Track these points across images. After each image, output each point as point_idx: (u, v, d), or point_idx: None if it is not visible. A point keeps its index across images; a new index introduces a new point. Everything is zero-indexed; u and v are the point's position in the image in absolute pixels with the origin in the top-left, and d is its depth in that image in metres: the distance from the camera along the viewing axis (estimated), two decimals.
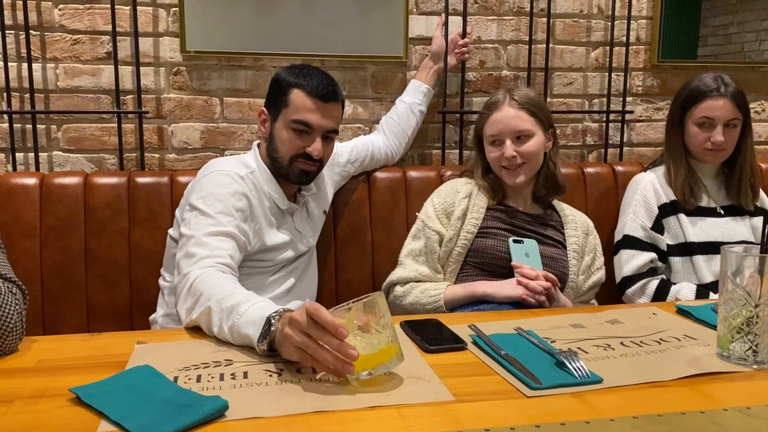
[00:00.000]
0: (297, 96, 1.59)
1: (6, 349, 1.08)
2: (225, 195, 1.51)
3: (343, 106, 1.68)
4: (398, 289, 1.75)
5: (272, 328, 1.04)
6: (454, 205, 1.77)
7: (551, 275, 1.57)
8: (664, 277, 1.86)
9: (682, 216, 1.87)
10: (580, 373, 0.99)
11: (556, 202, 1.85)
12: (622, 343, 1.15)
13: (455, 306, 1.66)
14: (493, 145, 1.77)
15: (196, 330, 1.22)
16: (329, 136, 1.65)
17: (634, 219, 1.90)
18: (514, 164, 1.73)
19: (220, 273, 1.32)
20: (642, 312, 1.35)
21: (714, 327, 1.21)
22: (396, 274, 1.78)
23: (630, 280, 1.87)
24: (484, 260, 1.71)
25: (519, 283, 1.56)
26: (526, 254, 1.66)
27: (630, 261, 1.88)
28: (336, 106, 1.63)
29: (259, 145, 1.71)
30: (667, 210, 1.88)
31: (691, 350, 1.12)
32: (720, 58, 2.44)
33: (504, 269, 1.67)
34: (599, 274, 1.79)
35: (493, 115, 1.76)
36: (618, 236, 1.95)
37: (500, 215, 1.77)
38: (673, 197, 1.88)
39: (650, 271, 1.86)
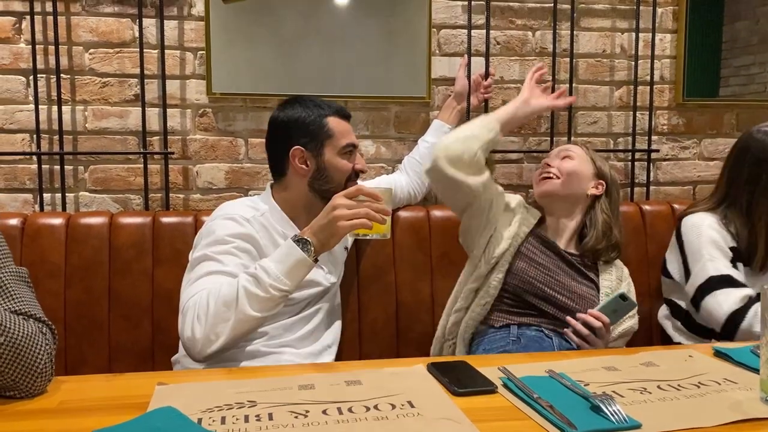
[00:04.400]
0: (335, 123, 1.64)
1: (35, 390, 1.07)
2: (229, 238, 1.51)
3: None
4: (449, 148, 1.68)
5: (308, 240, 1.35)
6: (514, 203, 1.83)
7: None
8: None
9: (741, 266, 1.76)
10: (617, 417, 0.95)
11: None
12: (659, 387, 1.11)
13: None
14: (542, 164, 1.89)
15: (216, 371, 1.20)
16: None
17: (712, 260, 1.74)
18: (547, 172, 1.81)
19: (216, 283, 1.39)
20: (677, 354, 1.30)
21: (755, 370, 1.16)
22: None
23: (739, 313, 1.65)
24: (525, 289, 1.70)
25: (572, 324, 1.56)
26: (614, 311, 1.58)
27: (729, 296, 1.68)
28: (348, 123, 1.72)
29: (272, 186, 1.69)
30: (734, 255, 1.77)
31: (733, 394, 1.07)
32: (741, 98, 2.42)
33: (547, 309, 1.68)
34: (631, 322, 1.73)
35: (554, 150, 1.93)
36: (699, 281, 1.75)
37: (540, 242, 1.78)
38: (733, 244, 1.78)
39: (752, 300, 1.67)
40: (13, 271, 1.15)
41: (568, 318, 1.56)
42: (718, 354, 1.29)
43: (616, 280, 1.76)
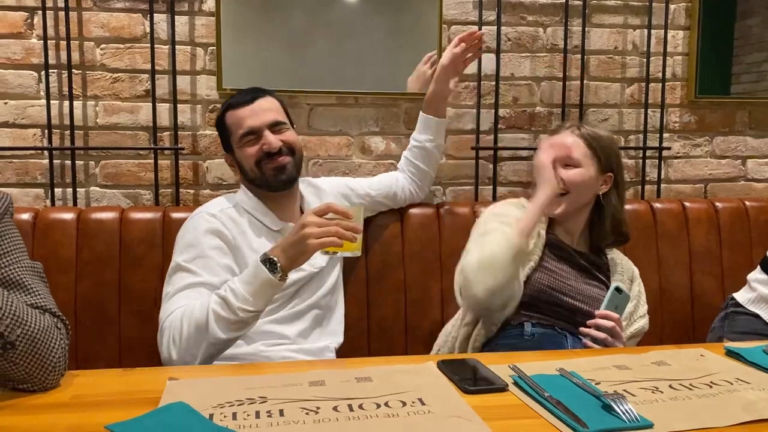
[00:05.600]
0: (230, 118, 1.65)
1: (48, 384, 1.08)
2: (197, 239, 1.53)
3: (279, 101, 1.70)
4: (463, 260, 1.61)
5: (275, 260, 1.33)
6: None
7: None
8: None
9: None
10: (629, 416, 0.95)
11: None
12: (670, 386, 1.10)
13: (529, 231, 1.60)
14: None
15: (227, 366, 1.21)
16: (278, 128, 1.64)
17: None
18: (559, 189, 1.67)
19: (190, 304, 1.41)
20: (689, 353, 1.29)
21: (767, 370, 1.16)
22: (473, 247, 1.64)
23: None
24: (540, 298, 1.63)
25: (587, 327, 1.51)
26: (615, 306, 1.55)
27: None
28: (265, 99, 1.66)
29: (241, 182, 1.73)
30: None
31: (745, 394, 1.07)
32: (753, 95, 2.40)
33: (559, 311, 1.63)
34: (642, 323, 1.72)
35: (551, 137, 1.74)
36: None
37: (555, 250, 1.71)
38: None
39: None
40: (29, 266, 1.16)
41: (581, 329, 1.52)
42: (730, 353, 1.28)
43: (627, 280, 1.74)
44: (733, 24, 2.40)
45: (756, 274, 1.90)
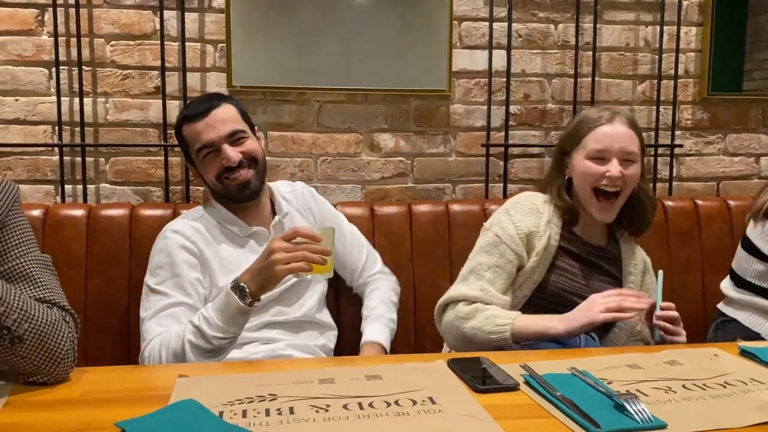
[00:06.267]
0: (186, 132, 1.60)
1: (57, 377, 1.08)
2: (163, 259, 1.53)
3: (237, 107, 1.61)
4: (462, 309, 1.52)
5: (244, 286, 1.32)
6: (540, 231, 1.57)
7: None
8: None
9: None
10: (641, 416, 0.93)
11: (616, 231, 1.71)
12: (684, 386, 1.09)
13: (523, 341, 1.45)
14: (594, 161, 1.55)
15: (237, 364, 1.20)
16: (237, 138, 1.57)
17: None
18: (614, 186, 1.53)
19: (167, 332, 1.42)
20: (702, 353, 1.28)
21: None
22: (458, 290, 1.56)
23: None
24: (555, 302, 1.55)
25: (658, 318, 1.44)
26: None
27: None
28: (221, 109, 1.58)
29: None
30: None
31: (760, 395, 1.05)
32: (766, 92, 2.37)
33: (565, 308, 1.52)
34: None
35: (602, 127, 1.56)
36: None
37: (570, 247, 1.60)
38: None
39: None
40: (38, 258, 1.16)
41: (656, 322, 1.43)
42: (744, 353, 1.26)
43: (640, 273, 1.67)
44: (746, 20, 2.38)
45: (726, 282, 1.90)
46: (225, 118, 1.57)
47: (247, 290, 1.33)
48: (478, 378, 1.09)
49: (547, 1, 2.22)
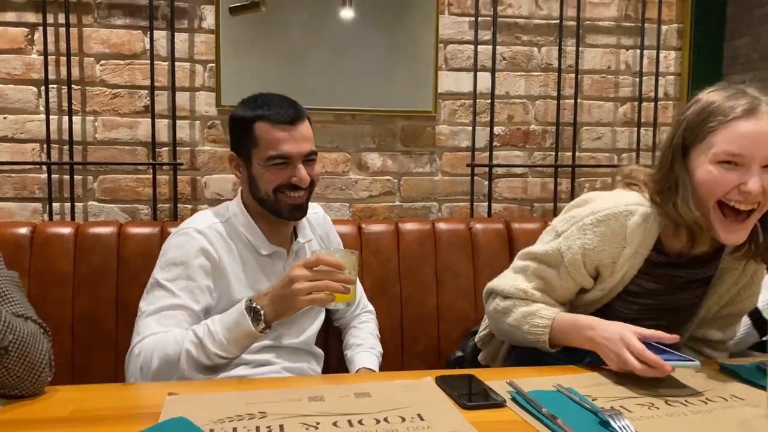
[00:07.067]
0: (263, 130, 1.45)
1: (36, 389, 1.09)
2: (180, 258, 1.43)
3: (310, 123, 1.54)
4: (499, 304, 1.38)
5: (260, 310, 1.27)
6: (617, 264, 1.30)
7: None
8: None
9: None
10: None
11: None
12: (666, 402, 1.11)
13: (564, 345, 1.29)
14: (723, 167, 1.18)
15: (226, 381, 1.21)
16: (310, 160, 1.50)
17: None
18: (749, 204, 1.18)
19: (166, 334, 1.34)
20: (685, 370, 1.30)
21: (762, 387, 1.17)
22: (504, 282, 1.39)
23: None
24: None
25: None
26: None
27: None
28: (305, 125, 1.50)
29: (242, 190, 1.58)
30: None
31: (740, 411, 1.08)
32: None
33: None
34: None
35: (740, 122, 1.16)
36: None
37: (653, 271, 1.32)
38: None
39: None
40: (7, 276, 1.17)
41: None
42: (725, 370, 1.29)
43: (733, 284, 1.37)
44: (722, 44, 2.45)
45: None
46: (307, 135, 1.49)
47: (262, 314, 1.27)
48: (466, 395, 1.11)
49: (531, 24, 2.27)
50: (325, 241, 1.70)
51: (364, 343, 1.70)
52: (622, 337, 1.18)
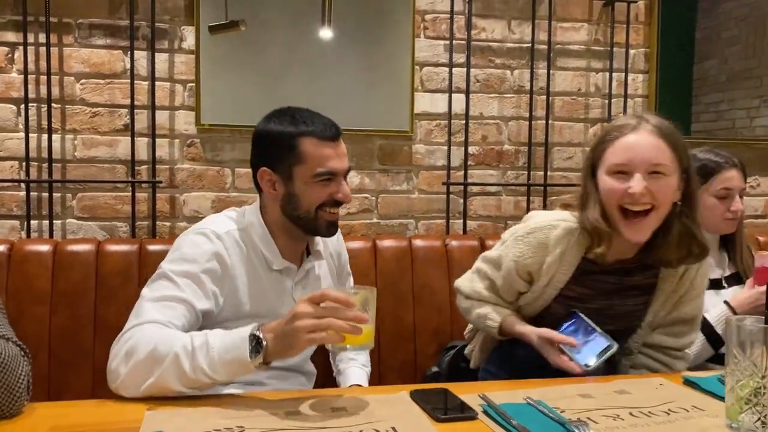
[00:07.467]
0: (309, 146, 1.42)
1: (13, 411, 1.09)
2: (194, 257, 1.39)
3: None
4: (462, 303, 1.62)
5: (263, 343, 1.15)
6: (543, 269, 1.47)
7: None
8: None
9: None
10: None
11: None
12: (631, 414, 1.15)
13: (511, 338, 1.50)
14: (614, 177, 1.37)
15: (204, 396, 1.22)
16: (347, 176, 1.52)
17: None
18: (640, 205, 1.35)
19: (164, 328, 1.27)
20: (649, 382, 1.35)
21: (721, 398, 1.21)
22: (463, 281, 1.63)
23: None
24: (554, 327, 1.47)
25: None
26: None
27: None
28: (343, 144, 1.49)
29: (265, 205, 1.53)
30: None
31: (700, 421, 1.12)
32: (712, 134, 2.53)
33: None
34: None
35: (623, 138, 1.37)
36: None
37: (585, 278, 1.48)
38: None
39: None
40: None
41: None
42: (688, 382, 1.34)
43: (679, 272, 1.50)
44: (692, 66, 2.54)
45: None
46: (346, 152, 1.49)
47: (263, 346, 1.16)
48: (440, 408, 1.14)
49: (504, 48, 2.34)
50: (335, 260, 1.69)
51: (358, 358, 1.70)
52: (539, 335, 1.43)
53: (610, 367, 1.50)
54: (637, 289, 1.51)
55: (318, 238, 1.58)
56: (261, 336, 1.16)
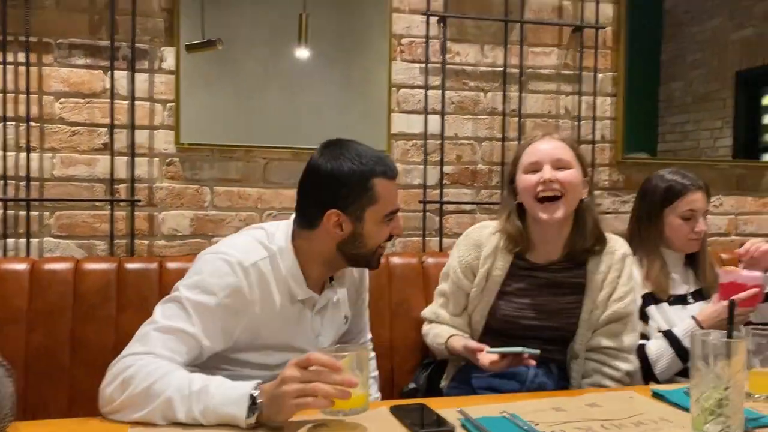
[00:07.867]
0: (381, 187, 1.39)
1: None
2: (213, 287, 1.34)
3: None
4: (424, 327, 1.86)
5: (258, 401, 1.13)
6: (479, 263, 1.73)
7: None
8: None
9: (664, 305, 1.88)
10: None
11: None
12: (602, 426, 1.20)
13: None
14: (529, 173, 1.67)
15: None
16: None
17: None
18: (551, 191, 1.62)
19: (164, 361, 1.25)
20: (620, 395, 1.41)
21: (687, 410, 1.27)
22: (425, 310, 1.88)
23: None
24: (507, 328, 1.70)
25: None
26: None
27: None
28: None
29: (296, 227, 1.45)
30: (647, 300, 1.89)
31: None
32: (678, 154, 2.63)
33: (525, 333, 1.67)
34: (616, 306, 1.70)
35: (532, 144, 1.71)
36: None
37: (521, 273, 1.72)
38: (647, 290, 1.89)
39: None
40: None
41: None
42: (656, 395, 1.40)
43: (603, 272, 1.71)
44: (658, 87, 2.64)
45: None
46: None
47: (257, 408, 1.13)
48: (419, 423, 1.17)
49: (477, 71, 2.41)
50: (356, 287, 1.66)
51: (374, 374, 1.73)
52: (464, 346, 1.63)
53: (561, 379, 1.67)
54: (568, 287, 1.72)
55: None
56: (257, 397, 1.13)
